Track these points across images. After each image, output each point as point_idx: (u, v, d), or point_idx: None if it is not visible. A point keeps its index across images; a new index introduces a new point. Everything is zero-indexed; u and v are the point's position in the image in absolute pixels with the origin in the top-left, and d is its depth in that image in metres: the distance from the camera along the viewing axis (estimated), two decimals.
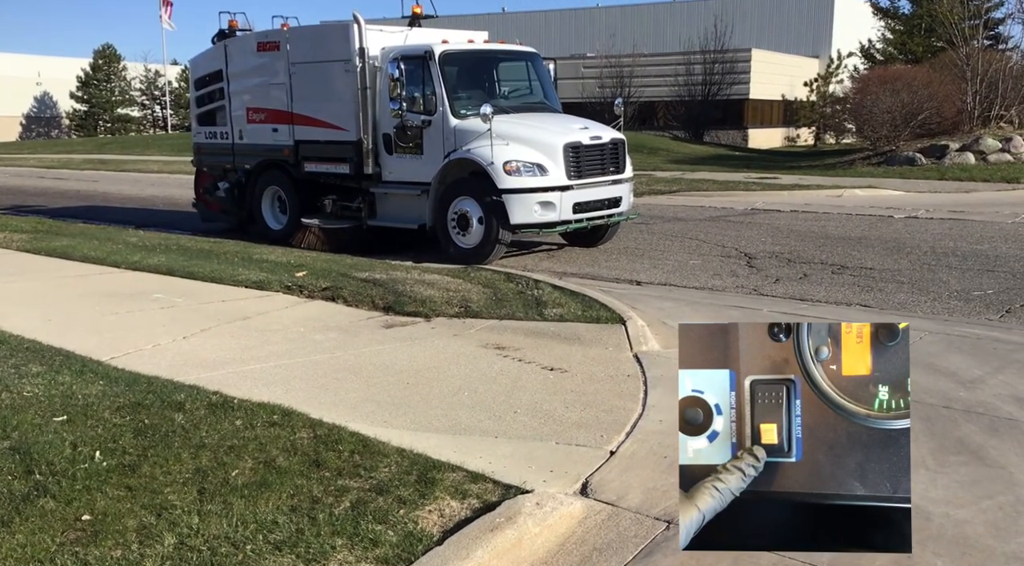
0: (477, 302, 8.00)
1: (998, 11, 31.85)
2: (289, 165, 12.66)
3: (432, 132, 11.04)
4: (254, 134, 13.15)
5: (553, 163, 10.40)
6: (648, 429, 4.92)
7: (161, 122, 62.03)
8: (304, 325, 7.28)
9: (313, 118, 12.23)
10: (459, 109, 10.96)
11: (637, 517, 3.84)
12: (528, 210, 10.37)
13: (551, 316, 7.47)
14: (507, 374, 5.91)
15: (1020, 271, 9.55)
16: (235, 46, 13.46)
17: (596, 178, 10.81)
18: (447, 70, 11.05)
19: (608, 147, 11.02)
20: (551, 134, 10.74)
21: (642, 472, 4.31)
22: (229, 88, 13.49)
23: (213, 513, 3.65)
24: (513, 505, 3.75)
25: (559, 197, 10.44)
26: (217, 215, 14.36)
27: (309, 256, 10.81)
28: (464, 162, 10.72)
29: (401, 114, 11.07)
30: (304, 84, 12.31)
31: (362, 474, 4.06)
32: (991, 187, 18.51)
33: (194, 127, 14.53)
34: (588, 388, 5.63)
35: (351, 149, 11.68)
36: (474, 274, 9.39)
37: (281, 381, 5.68)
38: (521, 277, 9.17)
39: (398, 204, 11.69)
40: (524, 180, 10.33)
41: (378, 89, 11.47)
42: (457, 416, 5.10)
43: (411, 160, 11.33)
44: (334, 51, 11.78)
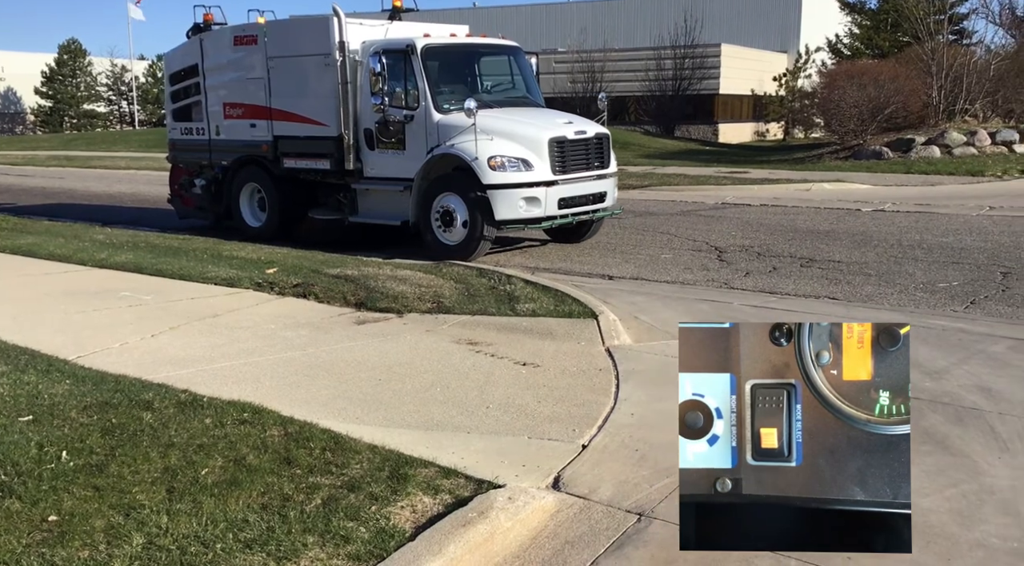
0: (450, 298, 8.00)
1: (962, 6, 32.29)
2: (268, 161, 12.46)
3: (414, 127, 10.89)
4: (231, 130, 12.90)
5: (538, 158, 10.28)
6: (620, 423, 4.94)
7: (128, 118, 61.23)
8: (275, 322, 7.22)
9: (292, 113, 12.03)
10: (442, 104, 10.80)
11: (609, 510, 3.86)
12: (513, 206, 10.25)
13: (524, 311, 7.47)
14: (480, 369, 5.92)
15: (984, 263, 9.72)
16: (211, 40, 13.19)
17: (581, 173, 10.71)
18: (429, 64, 10.91)
19: (593, 142, 10.92)
20: (536, 129, 10.61)
21: (614, 465, 4.33)
22: (205, 83, 13.23)
23: (182, 512, 3.62)
24: (485, 500, 3.75)
25: (544, 192, 10.33)
26: (193, 212, 14.08)
27: (280, 253, 10.73)
28: (448, 157, 10.58)
29: (383, 109, 10.91)
30: (283, 79, 12.10)
31: (334, 471, 4.04)
32: (956, 180, 18.79)
33: (169, 123, 14.25)
34: (560, 383, 5.64)
35: (332, 145, 11.49)
36: (446, 270, 9.37)
37: (251, 379, 5.64)
38: (494, 272, 9.17)
39: (380, 200, 11.54)
40: (509, 175, 10.20)
41: (359, 84, 11.31)
42: (429, 412, 5.09)
43: (393, 156, 11.18)
44: (313, 45, 11.58)
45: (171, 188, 14.52)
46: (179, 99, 13.86)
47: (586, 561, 3.47)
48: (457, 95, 10.97)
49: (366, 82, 11.12)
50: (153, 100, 60.63)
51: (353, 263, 9.73)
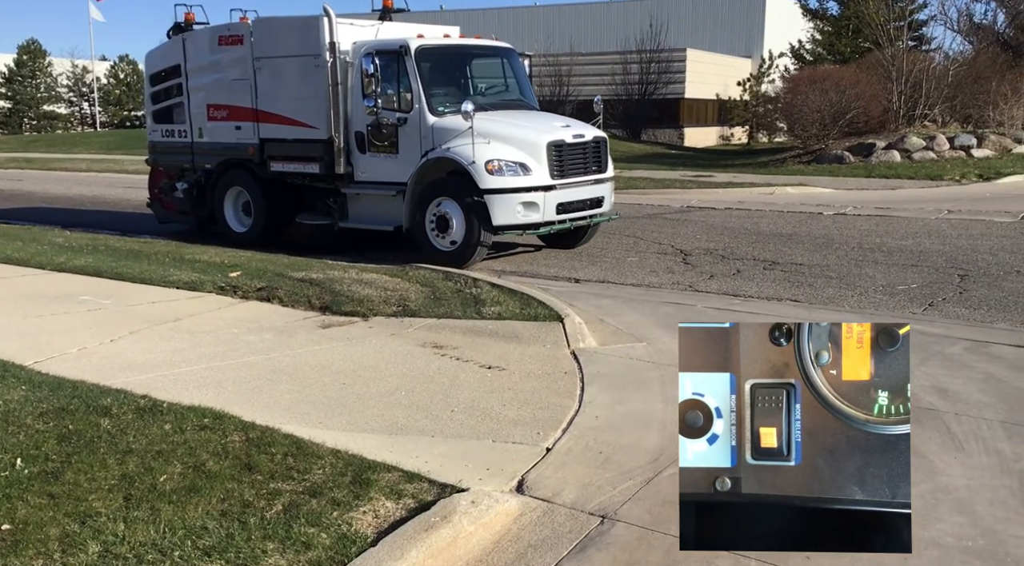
0: (415, 301, 7.97)
1: (922, 13, 32.91)
2: (254, 164, 12.11)
3: (408, 130, 10.62)
4: (215, 132, 12.52)
5: (536, 162, 10.06)
6: (584, 426, 4.96)
7: (89, 119, 60.26)
8: (238, 326, 7.14)
9: (280, 115, 11.69)
10: (436, 106, 10.57)
11: (572, 513, 3.87)
12: (511, 211, 10.00)
13: (489, 314, 7.47)
14: (445, 373, 5.90)
15: (942, 266, 9.89)
16: (194, 40, 12.77)
17: (579, 177, 10.48)
18: (423, 66, 10.66)
19: (591, 145, 10.71)
20: (533, 132, 10.39)
21: (577, 468, 4.34)
22: (188, 84, 12.79)
23: (140, 520, 3.56)
24: (448, 504, 3.74)
25: (542, 197, 10.09)
26: (174, 216, 13.64)
27: (244, 256, 10.61)
28: (443, 161, 10.32)
29: (376, 112, 10.64)
30: (270, 80, 11.77)
31: (295, 476, 4.01)
32: (916, 184, 19.13)
33: (149, 125, 13.84)
34: (526, 386, 5.65)
35: (321, 148, 11.17)
36: (412, 273, 9.34)
37: (213, 384, 5.57)
38: (460, 275, 9.16)
39: (372, 205, 11.22)
40: (507, 180, 9.96)
41: (350, 85, 11.01)
42: (394, 416, 5.07)
43: (385, 159, 10.90)
44: (303, 45, 11.27)
45: (150, 192, 14.08)
46: (160, 100, 13.45)
47: (549, 564, 3.47)
48: (451, 97, 10.79)
49: (357, 84, 10.87)
50: (115, 102, 59.77)
51: (318, 266, 9.66)
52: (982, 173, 19.99)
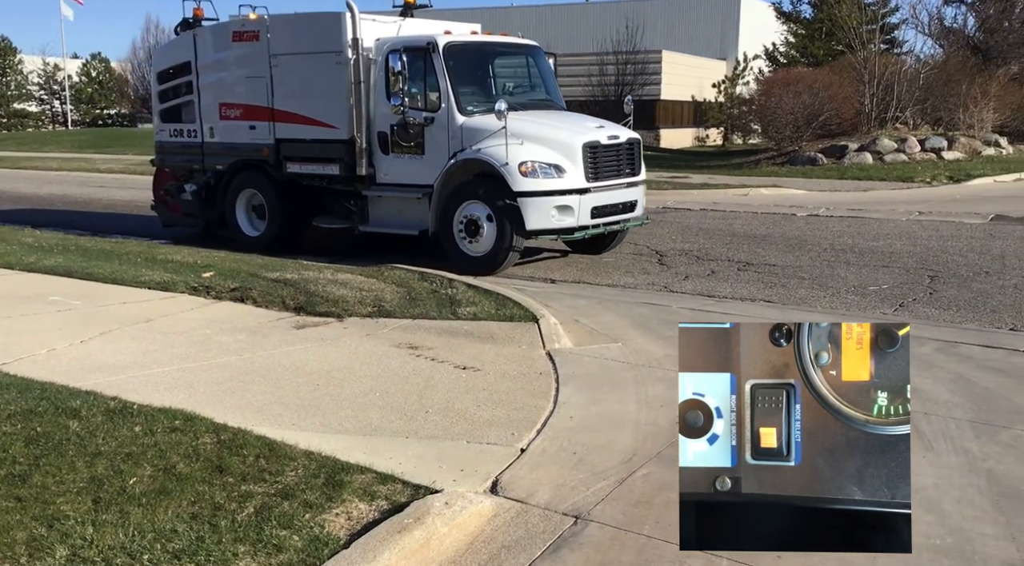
0: (391, 301, 7.94)
1: (893, 16, 33.28)
2: (268, 166, 11.61)
3: (435, 130, 10.21)
4: (228, 132, 12.01)
5: (571, 164, 9.68)
6: (559, 426, 4.96)
7: (61, 118, 59.46)
8: (210, 327, 7.08)
9: (298, 114, 11.21)
10: (466, 105, 10.17)
11: (546, 513, 3.87)
12: (545, 215, 9.61)
13: (465, 315, 7.46)
14: (420, 374, 5.88)
15: (913, 267, 10.01)
16: (206, 36, 12.24)
17: (613, 180, 10.11)
18: (452, 63, 10.23)
19: (624, 147, 10.37)
20: (568, 133, 10.06)
21: (552, 469, 4.35)
22: (199, 82, 12.25)
23: (108, 523, 3.52)
24: (422, 505, 3.73)
25: (577, 200, 9.70)
26: (180, 219, 13.13)
27: (217, 256, 10.52)
28: (472, 163, 9.95)
29: (402, 111, 10.18)
30: (287, 77, 11.29)
31: (267, 479, 3.97)
32: (887, 186, 19.35)
33: (156, 124, 13.24)
34: (500, 386, 5.65)
35: (342, 148, 10.72)
36: (388, 273, 9.29)
37: (184, 385, 5.52)
38: (435, 276, 9.13)
39: (395, 208, 10.77)
40: (541, 182, 9.58)
41: (372, 83, 10.57)
42: (368, 417, 5.05)
43: (410, 160, 10.46)
44: (323, 42, 10.81)
45: (155, 194, 13.56)
46: (168, 99, 12.91)
47: (522, 565, 3.47)
48: (480, 96, 10.50)
49: (381, 82, 10.47)
50: (87, 100, 59.01)
51: (293, 267, 9.60)
52: (952, 175, 20.26)
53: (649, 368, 6.09)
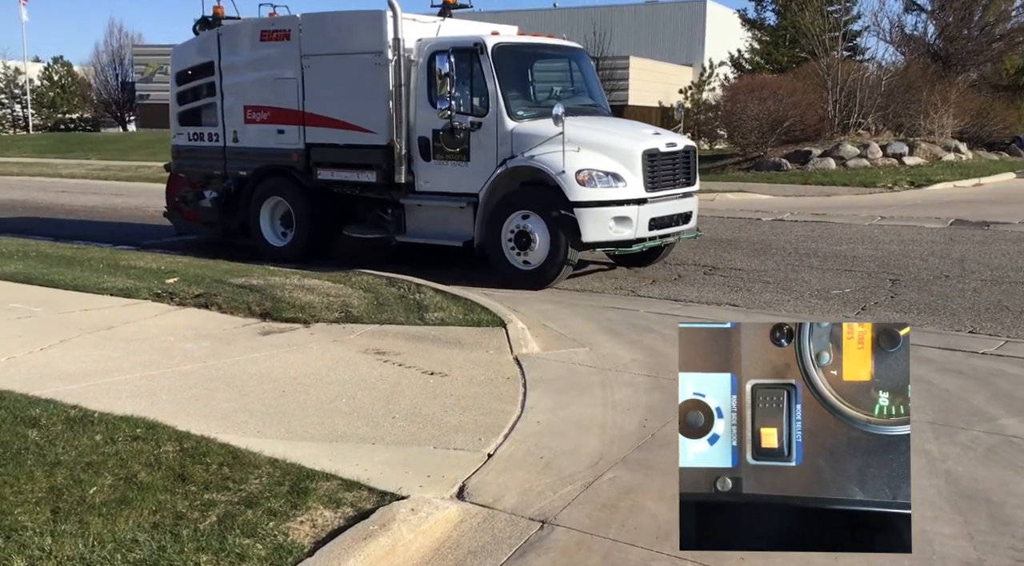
0: (358, 307, 7.90)
1: (855, 24, 33.78)
2: (297, 172, 11.04)
3: (482, 136, 9.68)
4: (253, 136, 11.42)
5: (631, 173, 9.15)
6: (526, 431, 4.97)
7: (22, 122, 58.42)
8: (174, 334, 7.00)
9: (330, 118, 10.65)
10: (516, 110, 9.68)
11: (512, 518, 3.87)
12: (602, 226, 9.08)
13: (432, 320, 7.45)
14: (387, 379, 5.86)
15: (875, 271, 10.17)
16: (231, 35, 11.62)
17: (670, 190, 9.59)
18: (500, 65, 9.72)
19: (681, 155, 9.84)
20: (627, 139, 9.56)
21: (518, 474, 4.35)
22: (222, 83, 11.64)
23: (67, 533, 3.46)
24: (387, 512, 3.71)
25: (636, 211, 9.17)
26: (195, 227, 12.52)
27: (181, 262, 10.40)
28: (525, 170, 9.44)
29: (450, 115, 9.64)
30: (320, 79, 10.72)
31: (231, 487, 3.93)
32: (850, 191, 19.63)
33: (174, 127, 12.55)
34: (468, 392, 5.64)
35: (380, 154, 10.19)
36: (355, 279, 9.25)
37: (147, 393, 5.45)
38: (403, 281, 9.10)
39: (435, 218, 10.22)
40: (599, 192, 9.05)
41: (412, 86, 10.06)
42: (334, 423, 5.02)
43: (453, 167, 9.93)
44: (361, 42, 10.30)
45: (168, 200, 12.95)
46: (187, 101, 12.30)
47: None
48: (528, 100, 10.12)
49: (423, 84, 9.99)
50: (48, 104, 58.03)
51: (259, 272, 9.51)
52: (913, 180, 20.60)
53: (616, 372, 6.12)
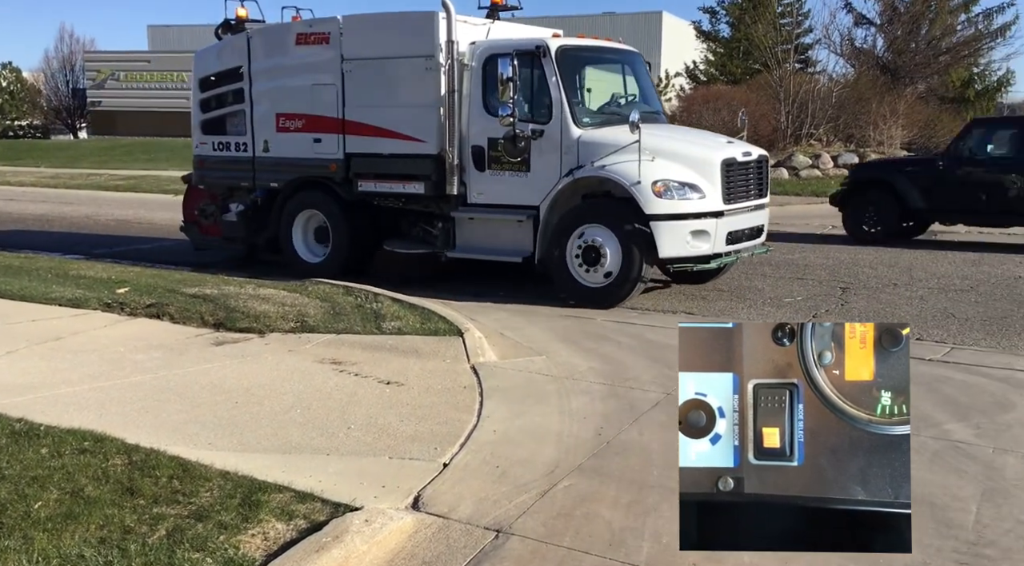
0: (314, 316, 7.84)
1: (807, 36, 34.47)
2: (335, 183, 10.41)
3: (544, 144, 9.09)
4: (286, 145, 10.72)
5: (709, 183, 8.65)
6: (482, 440, 4.97)
7: None
8: (124, 345, 6.87)
9: (374, 126, 10.03)
10: (581, 117, 9.22)
11: (467, 528, 3.87)
12: (680, 240, 8.55)
13: (389, 329, 7.42)
14: (342, 389, 5.82)
15: (825, 279, 10.37)
16: (262, 38, 11.00)
17: (744, 202, 9.09)
18: (565, 69, 9.22)
19: (755, 165, 9.38)
20: (704, 148, 9.16)
21: (474, 483, 4.35)
22: (251, 89, 10.96)
23: (11, 549, 3.38)
24: (341, 523, 3.68)
25: (714, 225, 8.65)
26: (215, 242, 11.91)
27: (133, 271, 10.24)
28: (593, 181, 8.94)
29: (513, 122, 8.98)
30: (362, 85, 10.10)
31: (181, 500, 3.87)
32: (803, 200, 19.96)
33: (196, 137, 11.72)
34: (424, 401, 5.63)
35: (429, 165, 9.58)
36: (312, 288, 9.17)
37: (95, 405, 5.34)
38: (360, 290, 9.04)
39: (490, 232, 9.62)
40: (676, 204, 8.53)
41: (465, 92, 9.51)
42: (288, 434, 4.97)
43: (511, 178, 9.34)
44: (410, 45, 9.72)
45: (186, 214, 12.23)
46: (211, 108, 11.58)
47: None
48: (592, 106, 9.68)
49: (476, 90, 9.47)
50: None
51: (213, 282, 9.39)
52: None
53: (572, 380, 6.15)
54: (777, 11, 32.71)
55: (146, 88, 48.94)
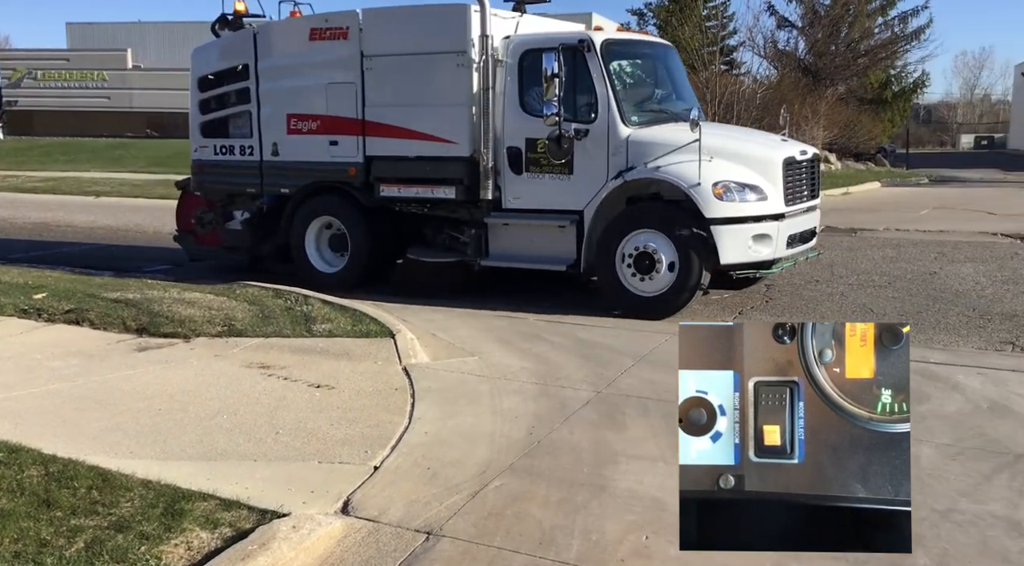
0: (242, 320, 7.70)
1: (732, 39, 35.29)
2: (353, 188, 9.76)
3: (588, 145, 8.57)
4: (298, 148, 10.02)
5: (770, 184, 8.22)
6: (413, 442, 4.95)
7: None
8: (41, 352, 6.64)
9: (397, 127, 9.41)
10: (629, 115, 8.66)
11: (398, 531, 3.85)
12: (741, 245, 8.11)
13: (320, 332, 7.33)
14: (271, 394, 5.73)
15: None
16: (271, 34, 10.32)
17: (800, 204, 8.67)
18: (611, 65, 8.73)
19: (809, 165, 8.93)
20: (763, 147, 8.77)
21: (405, 485, 4.33)
22: (259, 88, 10.27)
23: None
24: (267, 530, 3.63)
25: (776, 228, 8.22)
26: (213, 251, 11.19)
27: (51, 276, 9.89)
28: (644, 183, 8.46)
29: (558, 122, 8.47)
30: (385, 83, 9.47)
31: (100, 511, 3.76)
32: None
33: (195, 140, 10.94)
34: (355, 404, 5.58)
35: (461, 168, 9.02)
36: (240, 291, 8.99)
37: (10, 415, 5.14)
38: (290, 293, 8.90)
39: (528, 238, 9.06)
40: (738, 207, 8.07)
41: (498, 90, 8.93)
42: (213, 441, 4.87)
43: (551, 181, 8.79)
44: (440, 40, 9.12)
45: (180, 222, 11.52)
46: (212, 109, 10.85)
47: None
48: (639, 104, 9.16)
49: (511, 87, 8.91)
50: None
51: (136, 286, 9.14)
52: None
53: (505, 380, 6.17)
54: (703, 14, 33.37)
55: (65, 87, 47.39)
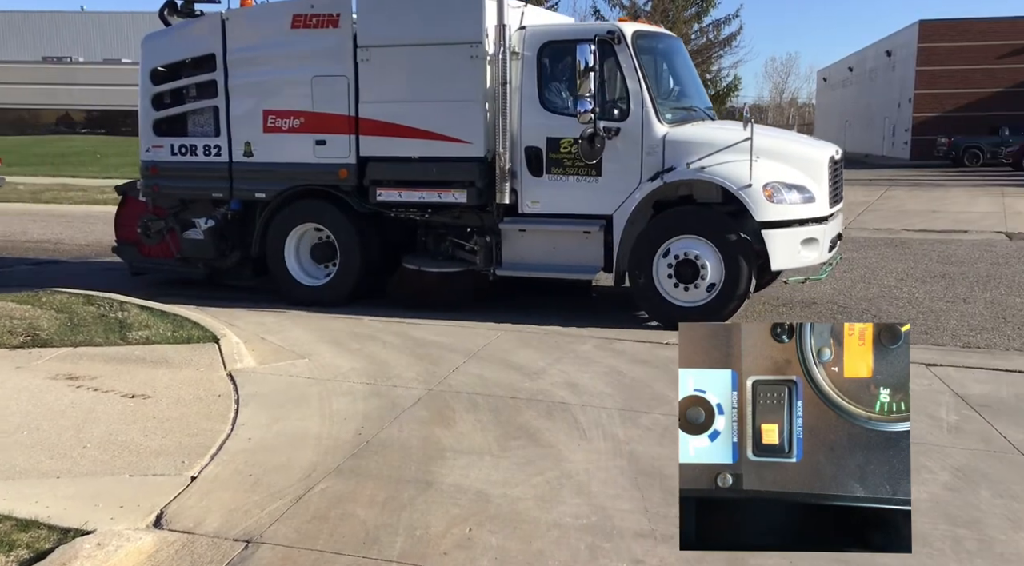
0: (48, 329, 7.20)
1: None
2: (343, 192, 8.88)
3: (620, 144, 8.00)
4: (277, 148, 9.06)
5: (816, 185, 7.83)
6: (235, 449, 4.82)
7: None
8: None
9: (397, 125, 8.60)
10: (664, 112, 8.12)
11: (215, 542, 3.73)
12: (791, 250, 7.67)
13: (136, 339, 6.97)
14: (79, 406, 5.40)
15: None
16: (244, 20, 9.23)
17: (838, 206, 8.36)
18: (644, 58, 8.17)
19: (841, 165, 8.62)
20: (809, 146, 8.37)
21: (224, 495, 4.20)
22: (228, 82, 9.20)
23: None
24: (68, 550, 3.43)
25: (822, 231, 7.85)
26: (162, 263, 10.06)
27: None
28: (684, 185, 7.97)
29: (593, 119, 7.83)
30: (382, 76, 8.62)
31: None
32: None
33: (147, 138, 9.71)
34: (173, 413, 5.35)
35: (475, 169, 8.32)
36: (46, 298, 8.38)
37: None
38: (103, 299, 8.38)
39: (548, 245, 8.40)
40: (788, 209, 7.63)
41: (515, 85, 8.24)
42: (11, 459, 4.54)
43: (576, 184, 8.17)
44: (450, 30, 8.37)
45: (121, 231, 10.33)
46: (166, 105, 9.68)
47: None
48: (671, 100, 8.68)
49: (530, 82, 8.29)
50: None
51: None
52: None
53: (335, 382, 6.09)
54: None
55: None
